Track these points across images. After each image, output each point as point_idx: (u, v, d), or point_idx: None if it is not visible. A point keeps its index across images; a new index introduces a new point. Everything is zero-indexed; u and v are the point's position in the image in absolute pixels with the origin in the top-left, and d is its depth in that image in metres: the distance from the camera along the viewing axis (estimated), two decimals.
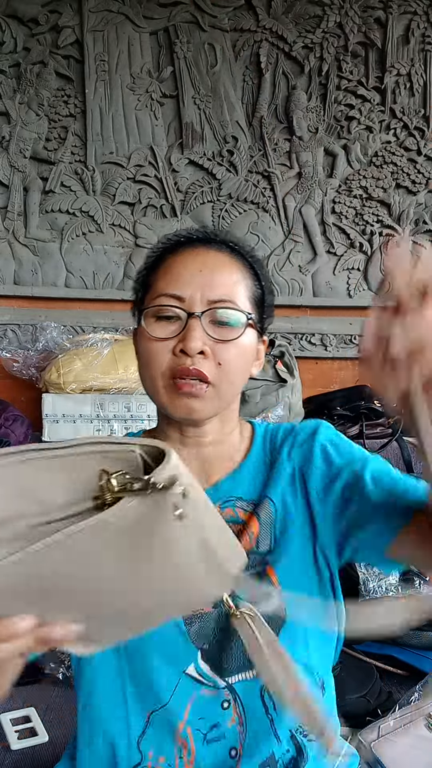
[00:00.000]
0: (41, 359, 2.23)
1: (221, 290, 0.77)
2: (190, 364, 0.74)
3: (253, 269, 0.83)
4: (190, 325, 0.74)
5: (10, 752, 1.28)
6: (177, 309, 0.76)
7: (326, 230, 2.46)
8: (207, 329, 0.75)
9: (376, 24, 2.38)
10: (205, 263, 0.78)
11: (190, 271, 0.77)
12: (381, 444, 2.13)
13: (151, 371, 0.77)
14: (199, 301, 0.76)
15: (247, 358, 0.79)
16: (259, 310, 0.82)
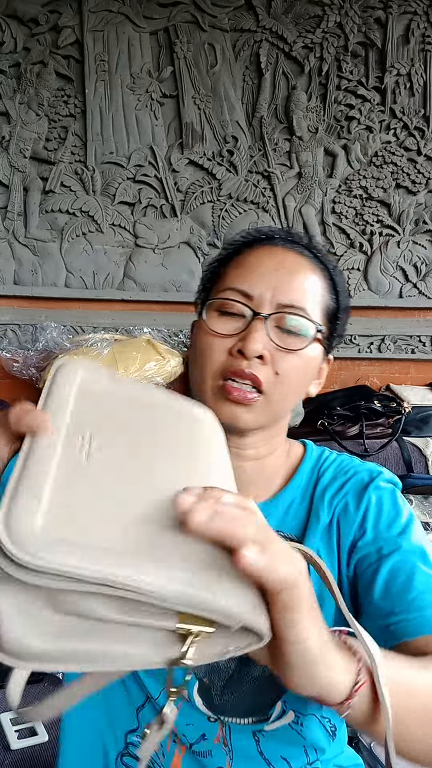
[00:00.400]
0: (41, 359, 2.23)
1: (294, 295, 0.70)
2: (246, 366, 0.68)
3: (332, 281, 0.76)
4: (254, 326, 0.68)
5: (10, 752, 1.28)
6: (243, 306, 0.70)
7: (326, 230, 2.46)
8: (271, 333, 0.69)
9: (376, 24, 2.38)
10: (283, 263, 0.72)
11: (265, 269, 0.71)
12: (381, 444, 2.13)
13: (203, 367, 0.71)
14: (269, 302, 0.70)
15: (307, 374, 0.73)
16: (330, 326, 0.75)
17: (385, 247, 2.48)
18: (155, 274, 2.43)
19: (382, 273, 2.49)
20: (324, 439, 2.13)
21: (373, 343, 2.49)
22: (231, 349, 0.69)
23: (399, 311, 2.52)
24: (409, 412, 2.23)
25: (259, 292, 0.70)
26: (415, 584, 0.65)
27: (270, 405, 0.70)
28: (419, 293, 2.51)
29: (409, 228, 2.48)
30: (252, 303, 0.70)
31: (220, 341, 0.70)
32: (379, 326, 2.48)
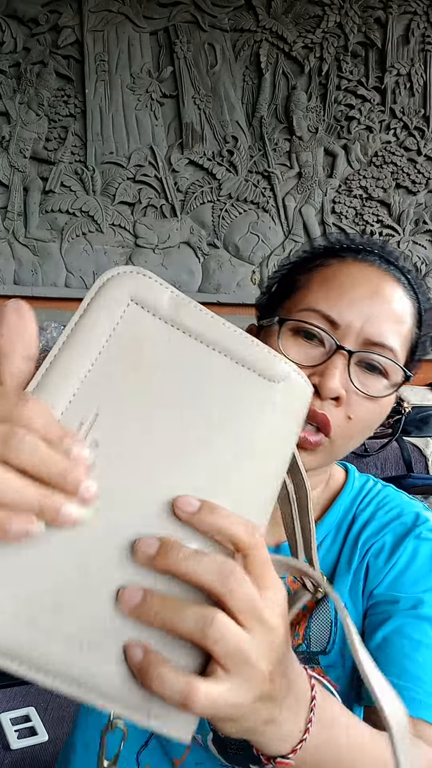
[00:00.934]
0: (41, 359, 2.23)
1: (386, 330, 0.61)
2: (319, 407, 0.59)
3: (419, 313, 0.66)
4: (335, 361, 0.59)
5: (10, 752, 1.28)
6: (325, 334, 0.60)
7: (326, 230, 2.46)
8: (352, 372, 0.60)
9: (376, 24, 2.38)
10: (379, 291, 0.62)
11: (358, 294, 0.61)
12: (381, 444, 2.13)
13: None
14: (356, 334, 0.60)
15: (380, 419, 0.64)
16: (411, 361, 0.66)
17: (383, 243, 2.48)
18: (155, 274, 2.42)
19: None
20: None
21: None
22: None
23: None
24: (409, 412, 2.23)
25: (347, 322, 0.60)
26: (419, 656, 0.59)
27: (333, 450, 0.62)
28: None
29: (409, 228, 2.48)
30: (337, 332, 0.60)
31: None
32: None
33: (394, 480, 1.98)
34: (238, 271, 2.45)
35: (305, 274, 0.65)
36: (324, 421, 0.59)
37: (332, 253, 0.66)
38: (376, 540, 0.66)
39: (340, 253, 0.66)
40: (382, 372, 0.61)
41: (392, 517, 0.68)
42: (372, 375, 0.61)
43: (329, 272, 0.63)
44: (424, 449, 2.15)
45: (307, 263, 0.67)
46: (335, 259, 0.65)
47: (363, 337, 0.60)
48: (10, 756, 1.27)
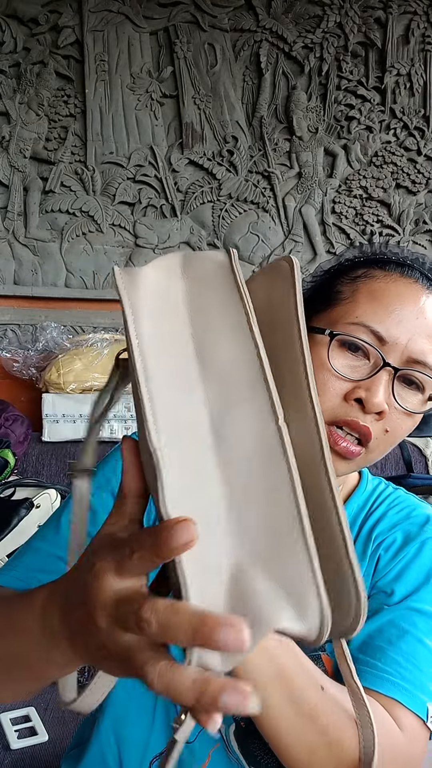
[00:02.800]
0: (41, 359, 2.23)
1: (426, 348, 0.63)
2: (362, 420, 0.62)
3: None
4: (380, 378, 0.61)
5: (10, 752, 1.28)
6: (373, 349, 0.63)
7: (326, 230, 2.46)
8: (394, 387, 0.63)
9: (376, 24, 2.38)
10: (425, 311, 0.64)
11: (405, 312, 0.63)
12: None
13: None
14: (400, 351, 0.62)
15: (409, 432, 0.67)
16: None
17: (385, 247, 2.48)
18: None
19: None
20: None
21: None
22: (348, 394, 0.62)
23: None
24: None
25: (394, 338, 0.62)
26: (402, 644, 0.62)
27: (368, 459, 0.65)
28: None
29: (409, 228, 2.48)
30: (384, 348, 0.62)
31: (338, 382, 0.62)
32: None
33: (394, 480, 1.98)
34: None
35: (349, 285, 0.67)
36: (366, 434, 0.62)
37: (375, 264, 0.68)
38: (388, 536, 0.70)
39: (383, 265, 0.67)
40: (420, 387, 0.64)
41: (403, 516, 0.72)
42: (410, 390, 0.64)
43: (376, 286, 0.65)
44: (424, 449, 2.15)
45: (348, 272, 0.68)
46: (379, 270, 0.67)
47: (407, 354, 0.63)
48: (10, 756, 1.27)
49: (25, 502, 1.72)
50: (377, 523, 0.72)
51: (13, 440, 2.02)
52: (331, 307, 0.67)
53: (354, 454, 0.62)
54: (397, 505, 0.74)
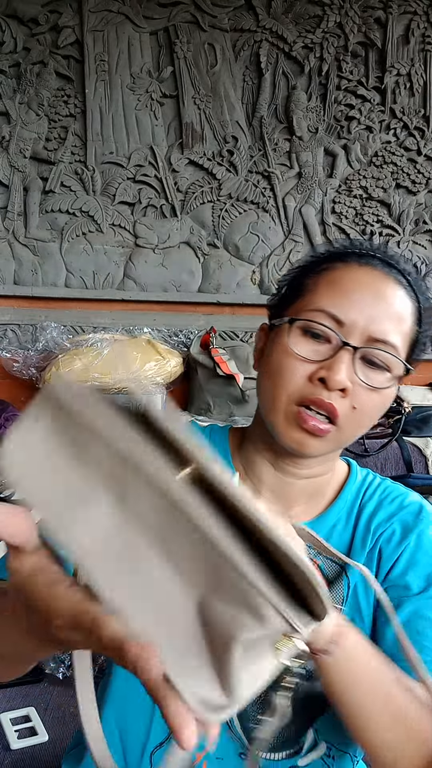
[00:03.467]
0: (41, 359, 2.23)
1: (388, 329, 0.66)
2: (326, 397, 0.65)
3: (419, 312, 0.72)
4: (341, 356, 0.65)
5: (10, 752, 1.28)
6: (332, 332, 0.66)
7: (326, 230, 2.46)
8: (356, 366, 0.66)
9: (376, 24, 2.38)
10: (381, 292, 0.67)
11: (362, 295, 0.67)
12: (381, 444, 2.13)
13: (278, 388, 0.68)
14: (360, 332, 0.66)
15: (383, 408, 0.71)
16: (410, 355, 0.72)
17: (385, 247, 2.48)
18: (155, 274, 2.43)
19: None
20: None
21: None
22: (312, 375, 0.66)
23: None
24: (409, 412, 2.23)
25: (351, 320, 0.66)
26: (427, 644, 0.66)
27: (340, 437, 0.68)
28: None
29: (409, 228, 2.48)
30: (342, 330, 0.66)
31: (301, 365, 0.66)
32: None
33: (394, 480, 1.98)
34: (238, 271, 2.45)
35: (313, 278, 0.70)
36: (332, 410, 0.65)
37: (337, 257, 0.71)
38: (387, 527, 0.73)
39: (344, 257, 0.70)
40: (385, 367, 0.67)
41: (397, 506, 0.75)
42: (375, 369, 0.67)
43: (335, 275, 0.69)
44: (424, 449, 2.15)
45: (314, 267, 0.72)
46: (340, 262, 0.70)
47: (367, 334, 0.66)
48: (10, 756, 1.27)
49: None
50: (374, 515, 0.75)
51: None
52: (298, 299, 0.71)
53: (323, 431, 0.66)
54: (388, 495, 0.77)
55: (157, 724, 0.72)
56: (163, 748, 0.72)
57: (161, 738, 0.72)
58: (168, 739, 0.72)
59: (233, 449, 0.78)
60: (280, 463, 0.73)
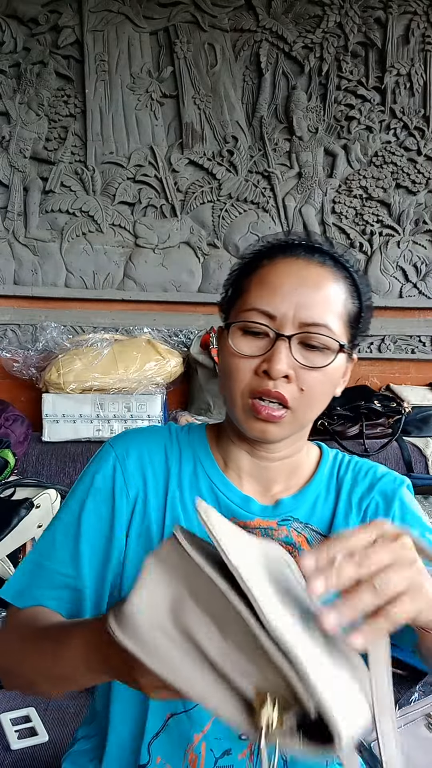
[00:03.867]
0: (41, 359, 2.23)
1: (317, 312, 0.71)
2: (272, 387, 0.70)
3: (355, 285, 0.77)
4: (278, 347, 0.70)
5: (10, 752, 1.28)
6: (266, 327, 0.72)
7: (326, 230, 2.46)
8: (295, 352, 0.71)
9: (376, 24, 2.38)
10: (305, 279, 0.72)
11: (286, 287, 0.72)
12: (381, 444, 2.13)
13: (232, 386, 0.74)
14: (291, 322, 0.71)
15: (332, 384, 0.76)
16: (353, 329, 0.77)
17: (385, 247, 2.48)
18: (155, 274, 2.43)
19: (382, 273, 2.49)
20: (324, 439, 2.13)
21: (373, 343, 2.49)
22: (257, 368, 0.72)
23: (399, 311, 2.52)
24: (409, 412, 2.23)
25: (282, 312, 0.71)
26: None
27: (297, 418, 0.73)
28: (419, 293, 2.51)
29: (409, 228, 2.48)
30: (275, 323, 0.71)
31: (245, 362, 0.72)
32: (379, 326, 2.47)
33: None
34: None
35: (245, 279, 0.76)
36: (279, 397, 0.71)
37: (263, 255, 0.76)
38: (369, 500, 0.81)
39: (269, 254, 0.76)
40: (322, 346, 0.72)
41: (372, 477, 0.83)
42: (314, 351, 0.72)
43: (262, 274, 0.74)
44: (424, 449, 2.15)
45: (246, 268, 0.77)
46: (266, 260, 0.75)
47: (298, 321, 0.71)
48: (10, 756, 1.27)
49: (25, 502, 1.72)
50: (353, 489, 0.82)
51: (13, 440, 2.02)
52: (237, 300, 0.76)
53: (278, 417, 0.71)
54: (360, 469, 0.84)
55: (152, 716, 0.74)
56: (158, 738, 0.74)
57: (157, 728, 0.74)
58: (163, 729, 0.73)
59: (212, 444, 0.83)
60: (254, 450, 0.79)
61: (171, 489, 0.78)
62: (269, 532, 0.77)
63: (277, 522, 0.78)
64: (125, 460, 0.79)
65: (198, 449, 0.82)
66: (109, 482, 0.78)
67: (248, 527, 0.77)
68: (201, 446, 0.82)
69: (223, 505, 0.78)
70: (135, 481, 0.78)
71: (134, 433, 0.84)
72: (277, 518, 0.78)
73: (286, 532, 0.78)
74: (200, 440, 0.83)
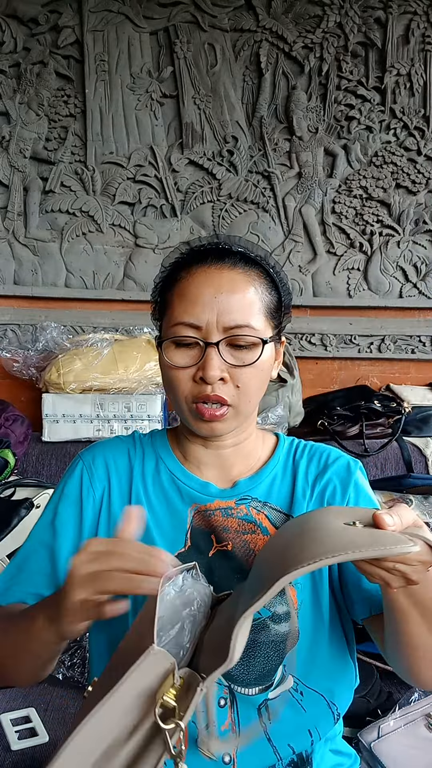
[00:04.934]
0: (41, 359, 2.23)
1: (237, 315, 0.77)
2: (210, 391, 0.77)
3: (269, 277, 0.83)
4: (208, 354, 0.77)
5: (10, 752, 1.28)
6: (194, 338, 0.78)
7: (326, 230, 2.46)
8: (224, 354, 0.77)
9: (376, 24, 2.38)
10: (220, 287, 0.78)
11: (205, 297, 0.78)
12: (381, 444, 2.13)
13: (175, 396, 0.81)
14: (215, 329, 0.77)
15: (265, 373, 0.82)
16: (277, 316, 0.83)
17: (385, 247, 2.48)
18: (155, 274, 2.42)
19: (382, 273, 2.49)
20: (324, 439, 2.13)
21: (373, 343, 2.49)
22: (194, 376, 0.78)
23: (399, 311, 2.52)
24: (409, 412, 2.23)
25: (206, 321, 0.77)
26: None
27: (239, 412, 0.80)
28: (419, 293, 2.51)
29: (409, 228, 2.48)
30: (201, 333, 0.78)
31: (182, 372, 0.79)
32: (379, 326, 2.48)
33: (394, 480, 1.98)
34: None
35: (168, 293, 0.82)
36: (219, 400, 0.78)
37: (181, 267, 0.82)
38: (327, 483, 0.86)
39: (186, 265, 0.81)
40: (248, 344, 0.78)
41: (325, 460, 0.89)
42: (242, 350, 0.78)
43: (182, 287, 0.80)
44: (424, 449, 2.15)
45: (167, 281, 0.83)
46: (184, 271, 0.81)
47: (222, 327, 0.77)
48: (10, 757, 1.27)
49: (25, 502, 1.72)
50: (308, 469, 0.88)
51: (13, 440, 2.02)
52: (165, 314, 0.82)
53: (219, 416, 0.79)
54: (315, 451, 0.90)
55: None
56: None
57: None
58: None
59: (172, 443, 0.91)
60: (207, 442, 0.86)
61: (135, 484, 0.86)
62: (229, 511, 0.84)
63: (235, 501, 0.85)
64: (91, 466, 0.88)
65: (159, 449, 0.90)
66: (77, 488, 0.87)
67: (209, 509, 0.84)
68: (162, 446, 0.90)
69: (184, 492, 0.85)
70: (101, 482, 0.87)
71: (101, 443, 0.92)
72: (234, 498, 0.85)
73: (245, 511, 0.84)
74: (161, 441, 0.91)
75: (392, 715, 1.31)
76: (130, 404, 2.13)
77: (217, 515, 0.83)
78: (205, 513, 0.84)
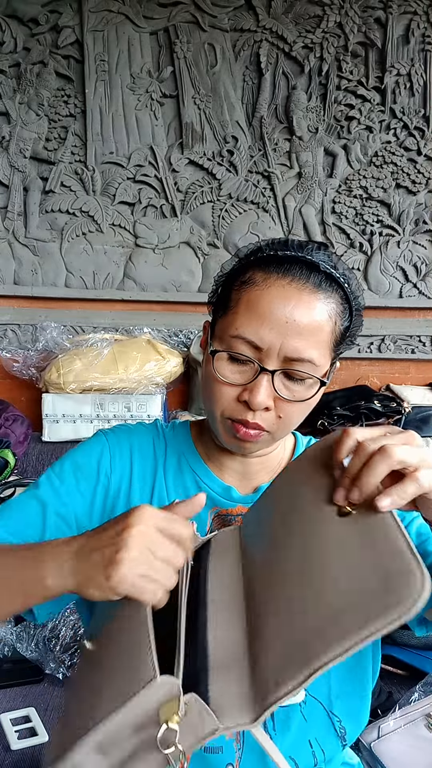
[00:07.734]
0: (41, 359, 2.23)
1: (302, 345, 0.71)
2: (251, 417, 0.73)
3: (348, 303, 0.75)
4: (260, 380, 0.72)
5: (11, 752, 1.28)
6: (249, 359, 0.72)
7: (326, 230, 2.46)
8: (277, 384, 0.72)
9: (376, 24, 2.38)
10: (294, 311, 0.70)
11: (275, 317, 0.70)
12: None
13: (213, 407, 0.76)
14: (276, 355, 0.71)
15: (309, 408, 0.78)
16: (341, 343, 0.77)
17: (385, 247, 2.48)
18: (155, 274, 2.43)
19: (382, 273, 2.49)
20: None
21: (373, 343, 2.49)
22: (238, 396, 0.74)
23: (399, 311, 2.52)
24: (409, 412, 2.23)
25: (267, 344, 0.71)
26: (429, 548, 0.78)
27: (275, 438, 0.78)
28: (419, 293, 2.51)
29: (409, 228, 2.48)
30: (259, 355, 0.72)
31: (228, 388, 0.74)
32: (379, 326, 2.48)
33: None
34: None
35: (235, 292, 0.75)
36: (257, 427, 0.74)
37: (258, 265, 0.74)
38: None
39: (264, 265, 0.73)
40: (303, 379, 0.73)
41: None
42: (294, 383, 0.73)
43: (253, 294, 0.72)
44: None
45: (238, 276, 0.75)
46: (261, 273, 0.73)
47: (283, 355, 0.71)
48: (10, 757, 1.27)
49: None
50: None
51: (13, 440, 2.02)
52: (225, 314, 0.75)
53: (253, 436, 0.75)
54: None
55: None
56: None
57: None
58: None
59: (195, 439, 0.88)
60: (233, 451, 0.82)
61: (158, 479, 0.83)
62: None
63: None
64: (114, 447, 0.84)
65: (182, 444, 0.87)
66: (94, 463, 0.82)
67: (230, 514, 0.82)
68: (185, 441, 0.87)
69: (206, 494, 0.81)
70: (122, 467, 0.83)
71: (125, 428, 0.88)
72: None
73: None
74: (184, 436, 0.88)
75: (392, 715, 1.31)
76: (130, 404, 2.13)
77: (238, 521, 0.81)
78: (225, 517, 0.82)
